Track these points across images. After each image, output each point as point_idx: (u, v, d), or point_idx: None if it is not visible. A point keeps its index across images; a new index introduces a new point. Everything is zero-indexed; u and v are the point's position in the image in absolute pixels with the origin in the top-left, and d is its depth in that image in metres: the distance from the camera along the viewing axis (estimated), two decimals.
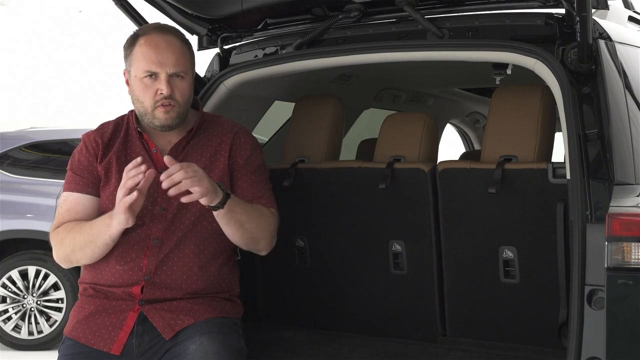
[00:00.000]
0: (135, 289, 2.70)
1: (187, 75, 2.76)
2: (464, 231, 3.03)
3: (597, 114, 2.61)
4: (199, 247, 2.75)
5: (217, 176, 2.78)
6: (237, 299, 2.88)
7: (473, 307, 3.06)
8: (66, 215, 2.78)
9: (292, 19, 3.31)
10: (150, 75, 2.71)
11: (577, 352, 2.41)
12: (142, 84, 2.73)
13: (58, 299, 7.10)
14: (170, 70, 2.71)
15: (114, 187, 2.72)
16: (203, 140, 2.84)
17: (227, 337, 2.67)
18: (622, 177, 2.54)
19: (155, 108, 2.73)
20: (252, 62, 3.29)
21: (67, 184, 2.82)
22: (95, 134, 2.85)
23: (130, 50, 2.76)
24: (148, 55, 2.71)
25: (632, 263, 2.27)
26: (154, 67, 2.70)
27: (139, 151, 2.80)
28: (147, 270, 2.70)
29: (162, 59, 2.70)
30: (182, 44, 2.77)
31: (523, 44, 2.77)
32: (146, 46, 2.73)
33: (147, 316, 2.68)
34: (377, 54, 3.08)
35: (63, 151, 7.60)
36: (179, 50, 2.74)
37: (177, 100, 2.73)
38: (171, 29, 2.81)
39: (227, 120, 2.95)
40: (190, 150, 2.82)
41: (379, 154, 3.30)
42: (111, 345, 2.66)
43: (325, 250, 3.32)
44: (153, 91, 2.72)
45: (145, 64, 2.71)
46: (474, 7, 2.98)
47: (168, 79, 2.71)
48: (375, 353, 3.04)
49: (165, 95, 2.70)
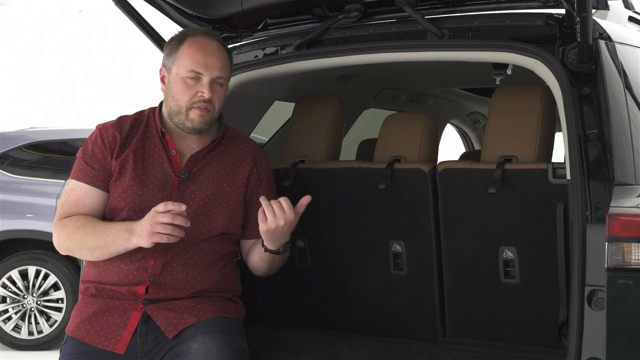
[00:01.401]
0: (140, 289, 2.70)
1: (226, 82, 2.81)
2: (464, 231, 3.03)
3: (597, 114, 2.61)
4: (204, 250, 2.75)
5: (234, 190, 2.81)
6: (239, 300, 2.88)
7: (473, 307, 3.06)
8: (74, 207, 2.75)
9: (292, 19, 3.31)
10: (193, 77, 2.73)
11: (577, 352, 2.41)
12: (184, 84, 2.74)
13: (58, 299, 7.11)
14: (214, 74, 2.74)
15: (128, 184, 2.73)
16: (224, 152, 2.85)
17: (230, 337, 2.67)
18: (622, 177, 2.54)
19: (190, 109, 2.74)
20: (252, 62, 3.29)
21: (77, 172, 2.78)
22: (113, 128, 2.81)
23: (176, 49, 2.77)
24: (196, 57, 2.73)
25: (632, 263, 2.27)
26: (200, 68, 2.72)
27: (158, 151, 2.79)
28: (152, 272, 2.69)
29: (209, 62, 2.73)
30: (226, 53, 2.82)
31: (523, 44, 2.77)
32: (195, 47, 2.75)
33: (151, 315, 2.68)
34: (377, 54, 3.08)
35: (63, 151, 7.61)
36: (224, 57, 2.79)
37: (213, 105, 2.75)
38: (219, 37, 2.86)
39: (246, 138, 2.98)
40: (210, 160, 2.82)
41: (379, 154, 3.30)
42: (115, 345, 2.66)
43: (325, 250, 3.32)
44: (193, 92, 2.73)
45: (191, 63, 2.73)
46: (474, 8, 2.98)
47: (211, 83, 2.73)
48: (375, 353, 3.04)
49: (206, 99, 2.72)
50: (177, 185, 2.75)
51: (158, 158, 2.78)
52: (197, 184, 2.77)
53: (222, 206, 2.78)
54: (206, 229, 2.74)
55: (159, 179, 2.75)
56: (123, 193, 2.73)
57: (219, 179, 2.80)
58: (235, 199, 2.81)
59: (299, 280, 3.36)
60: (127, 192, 2.72)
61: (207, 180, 2.79)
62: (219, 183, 2.79)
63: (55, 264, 7.03)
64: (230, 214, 2.79)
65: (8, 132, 7.87)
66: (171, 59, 2.78)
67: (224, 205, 2.79)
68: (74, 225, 2.72)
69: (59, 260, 6.99)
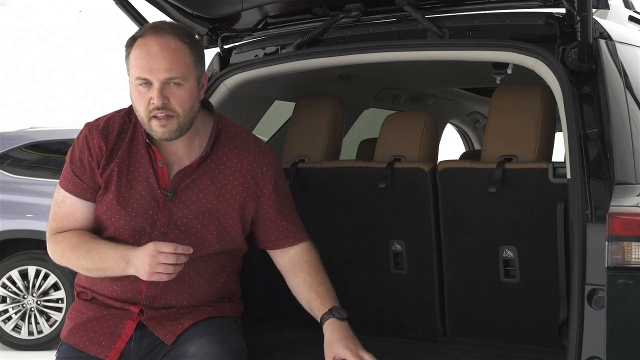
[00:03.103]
0: (134, 308, 2.62)
1: (185, 82, 2.50)
2: (464, 231, 3.03)
3: (598, 113, 2.60)
4: (200, 271, 2.65)
5: (225, 208, 2.62)
6: (237, 300, 2.86)
7: (473, 307, 3.06)
8: (65, 220, 2.65)
9: (292, 18, 3.30)
10: (143, 83, 2.48)
11: (577, 352, 2.41)
12: (137, 92, 2.50)
13: (58, 299, 7.11)
14: (163, 77, 2.46)
15: (111, 202, 2.59)
16: (215, 162, 2.62)
17: (226, 338, 2.63)
18: (623, 176, 2.54)
19: (150, 119, 2.50)
20: (252, 62, 3.28)
21: (66, 181, 2.64)
22: (99, 137, 2.61)
23: (127, 54, 2.54)
24: (140, 61, 2.48)
25: (633, 262, 2.27)
26: (145, 73, 2.47)
27: (144, 162, 2.60)
28: (146, 295, 2.61)
29: (154, 64, 2.46)
30: (180, 45, 2.50)
31: (523, 44, 2.77)
32: (139, 50, 2.49)
33: (147, 325, 2.62)
34: (377, 53, 3.07)
35: (63, 151, 7.56)
36: (173, 54, 2.48)
37: (173, 109, 2.48)
38: (170, 29, 2.53)
39: (247, 137, 2.72)
40: (200, 174, 2.61)
41: (379, 153, 3.30)
42: (108, 353, 2.60)
43: (325, 250, 3.30)
44: (146, 100, 2.48)
45: (137, 70, 2.48)
46: (475, 7, 2.98)
47: (162, 87, 2.46)
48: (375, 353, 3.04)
49: (157, 106, 2.46)
50: (163, 203, 2.59)
51: (144, 171, 2.60)
52: (184, 201, 2.59)
53: (212, 225, 2.62)
54: (197, 249, 2.57)
55: (143, 196, 2.59)
56: (107, 211, 2.60)
57: (208, 196, 2.60)
58: (228, 215, 2.63)
59: None
60: (110, 211, 2.59)
61: (195, 198, 2.60)
62: (208, 201, 2.60)
63: (55, 264, 7.01)
64: (223, 232, 2.63)
65: (8, 132, 7.88)
66: (127, 65, 2.54)
67: (214, 224, 2.62)
68: (67, 244, 2.62)
69: None
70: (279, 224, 2.72)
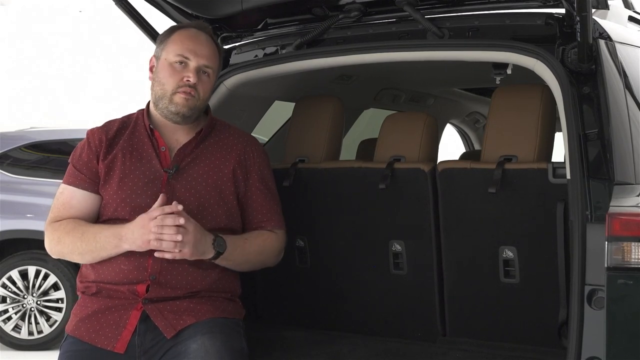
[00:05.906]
0: (141, 287, 2.69)
1: (213, 74, 2.83)
2: (464, 231, 3.03)
3: (597, 113, 2.61)
4: None
5: (225, 183, 2.80)
6: (238, 300, 2.88)
7: (473, 307, 3.06)
8: (62, 209, 2.79)
9: (292, 19, 3.31)
10: (181, 62, 2.76)
11: (577, 352, 2.41)
12: (171, 68, 2.77)
13: (58, 299, 7.10)
14: (201, 62, 2.77)
15: (117, 182, 2.74)
16: (213, 145, 2.86)
17: (229, 337, 2.67)
18: (622, 176, 2.54)
19: (175, 93, 2.75)
20: (252, 62, 3.29)
21: (66, 176, 2.82)
22: (99, 131, 2.85)
23: (167, 38, 2.82)
24: (185, 43, 2.78)
25: (632, 263, 2.27)
26: (188, 53, 2.76)
27: (147, 148, 2.80)
28: (152, 270, 2.69)
29: (198, 49, 2.78)
30: (216, 46, 2.87)
31: (523, 44, 2.77)
32: (185, 35, 2.81)
33: (150, 315, 2.68)
34: (377, 54, 3.08)
35: (63, 151, 7.59)
36: (213, 48, 2.84)
37: (198, 92, 2.77)
38: (210, 31, 2.89)
39: (237, 130, 2.98)
40: (199, 154, 2.82)
41: (379, 153, 3.30)
42: (115, 344, 2.66)
43: (325, 250, 3.32)
44: (179, 77, 2.76)
45: (180, 48, 2.77)
46: (474, 7, 2.98)
47: (197, 70, 2.77)
48: (375, 353, 3.04)
49: (191, 84, 2.74)
50: (167, 181, 2.75)
51: (147, 155, 2.79)
52: (187, 178, 2.77)
53: (213, 199, 2.78)
54: (207, 226, 2.71)
55: (147, 175, 2.76)
56: (113, 194, 2.75)
57: (209, 172, 2.80)
58: (227, 190, 2.81)
59: (298, 280, 3.36)
60: (116, 192, 2.73)
61: (197, 175, 2.78)
62: (209, 177, 2.79)
63: (55, 264, 7.03)
64: (224, 207, 2.79)
65: (8, 132, 7.86)
66: (161, 46, 2.82)
67: (215, 198, 2.78)
68: (63, 229, 2.75)
69: (59, 260, 6.98)
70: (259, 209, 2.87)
